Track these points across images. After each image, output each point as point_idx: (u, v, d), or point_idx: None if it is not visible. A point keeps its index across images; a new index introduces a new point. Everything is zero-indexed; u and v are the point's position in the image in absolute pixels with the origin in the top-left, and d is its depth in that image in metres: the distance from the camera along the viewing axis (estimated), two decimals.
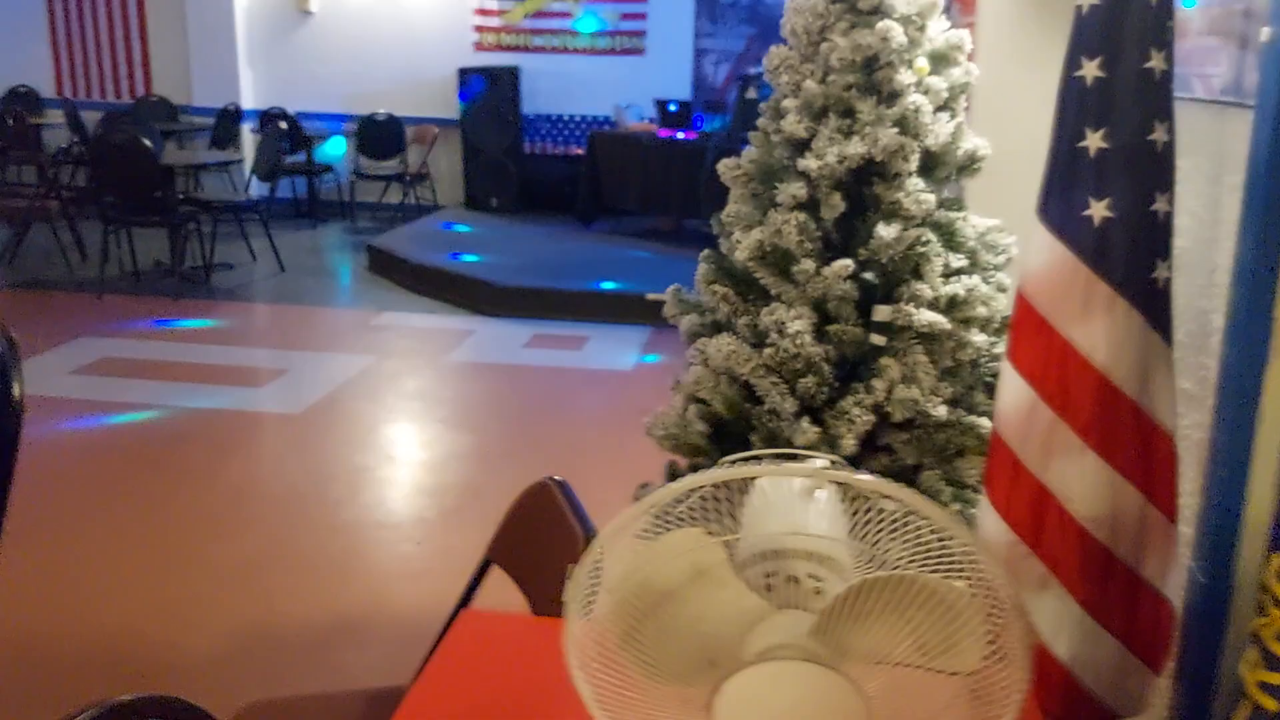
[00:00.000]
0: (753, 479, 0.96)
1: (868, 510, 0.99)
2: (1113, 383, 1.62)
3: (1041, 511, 1.67)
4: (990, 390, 2.08)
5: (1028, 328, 1.72)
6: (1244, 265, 1.60)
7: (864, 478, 0.89)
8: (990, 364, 2.14)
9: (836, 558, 0.93)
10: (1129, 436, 1.62)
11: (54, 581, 3.22)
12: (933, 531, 0.89)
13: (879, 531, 0.95)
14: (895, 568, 0.91)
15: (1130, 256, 1.61)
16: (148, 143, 6.60)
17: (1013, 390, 1.72)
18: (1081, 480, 1.63)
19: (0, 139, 8.46)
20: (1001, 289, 2.14)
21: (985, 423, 2.06)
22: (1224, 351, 1.63)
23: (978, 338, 2.10)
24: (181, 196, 7.19)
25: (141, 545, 3.47)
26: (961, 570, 0.89)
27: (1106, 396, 1.62)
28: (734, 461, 0.94)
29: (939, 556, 0.92)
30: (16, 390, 1.82)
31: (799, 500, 0.96)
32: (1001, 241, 2.19)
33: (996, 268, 2.18)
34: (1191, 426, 1.77)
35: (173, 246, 6.96)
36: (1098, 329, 1.63)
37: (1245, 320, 1.59)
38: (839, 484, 0.97)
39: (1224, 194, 1.74)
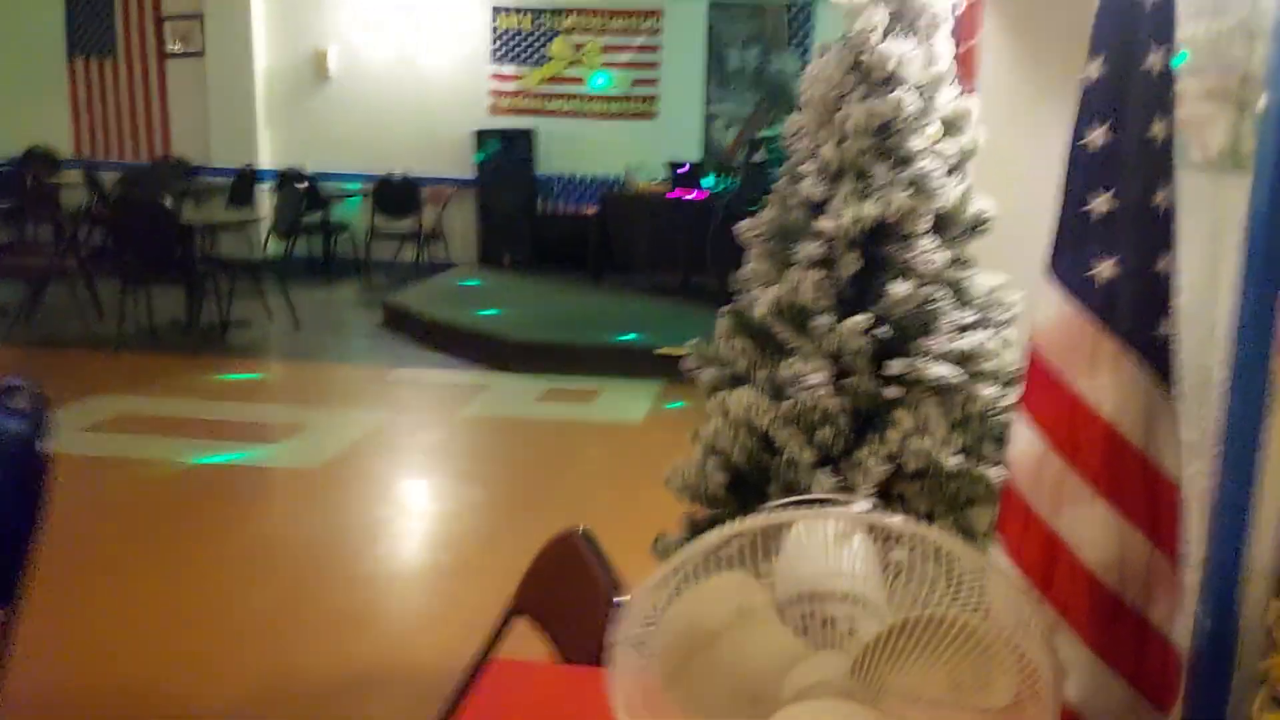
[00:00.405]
0: (786, 525, 1.02)
1: (902, 551, 1.05)
2: (1120, 433, 1.69)
3: (1052, 558, 1.72)
4: (999, 441, 2.15)
5: (1038, 380, 1.79)
6: (1243, 321, 1.67)
7: (894, 519, 0.95)
8: (999, 416, 2.20)
9: (870, 599, 0.99)
10: (1136, 485, 1.68)
11: (74, 636, 3.25)
12: (962, 570, 0.95)
13: (911, 572, 1.00)
14: (928, 606, 0.96)
15: (1135, 312, 1.68)
16: (167, 202, 6.74)
17: (1024, 440, 1.79)
18: (1091, 527, 1.69)
19: (18, 198, 8.62)
20: (1009, 343, 2.22)
21: (995, 473, 2.12)
22: (1225, 403, 1.70)
23: (987, 390, 2.17)
24: (199, 255, 7.32)
25: (159, 600, 3.50)
26: (990, 607, 0.95)
27: (1114, 446, 1.68)
28: (774, 508, 1.00)
29: (969, 594, 0.98)
30: (47, 446, 1.88)
31: (833, 544, 1.02)
32: (1008, 298, 2.27)
33: (1004, 323, 2.26)
34: (1196, 475, 1.83)
35: (189, 304, 7.07)
36: (1105, 382, 1.70)
37: (1245, 373, 1.66)
38: (872, 527, 1.03)
39: (1223, 253, 1.82)
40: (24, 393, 2.02)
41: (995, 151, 3.98)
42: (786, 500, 1.02)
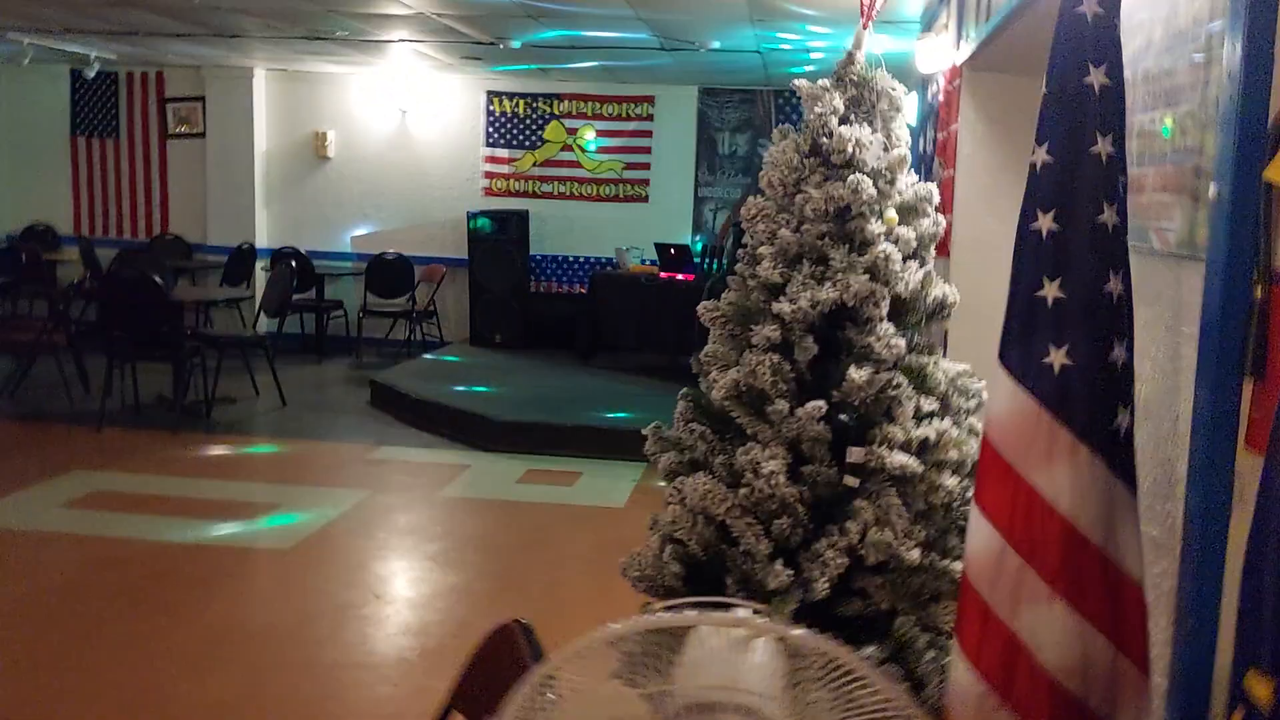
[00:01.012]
0: (688, 627, 0.96)
1: (805, 662, 0.98)
2: (1078, 530, 1.62)
3: (1012, 660, 1.64)
4: (964, 535, 2.07)
5: (993, 473, 1.73)
6: (1202, 414, 1.62)
7: (796, 633, 0.89)
8: (963, 508, 2.13)
9: (768, 713, 0.92)
10: (1097, 585, 1.60)
11: (26, 712, 3.14)
12: (863, 685, 0.89)
13: (814, 682, 0.94)
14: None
15: (1091, 404, 1.63)
16: (156, 279, 6.76)
17: (981, 536, 1.72)
18: (1050, 629, 1.61)
19: (13, 274, 8.67)
20: (974, 433, 2.16)
21: (959, 567, 2.04)
22: (1187, 499, 1.64)
23: (950, 481, 2.10)
24: (189, 332, 7.31)
25: (115, 684, 3.39)
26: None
27: (1072, 544, 1.62)
28: (669, 607, 0.93)
29: (871, 711, 0.91)
30: None
31: (735, 651, 0.96)
32: (973, 386, 2.22)
33: (968, 412, 2.21)
34: (1161, 575, 1.76)
35: (175, 381, 7.04)
36: (1061, 476, 1.64)
37: (1206, 468, 1.60)
38: (776, 637, 0.96)
39: (1183, 342, 1.77)
40: None
41: (974, 234, 4.00)
42: (692, 600, 0.96)
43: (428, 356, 9.00)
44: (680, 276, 8.40)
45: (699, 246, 9.19)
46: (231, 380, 7.69)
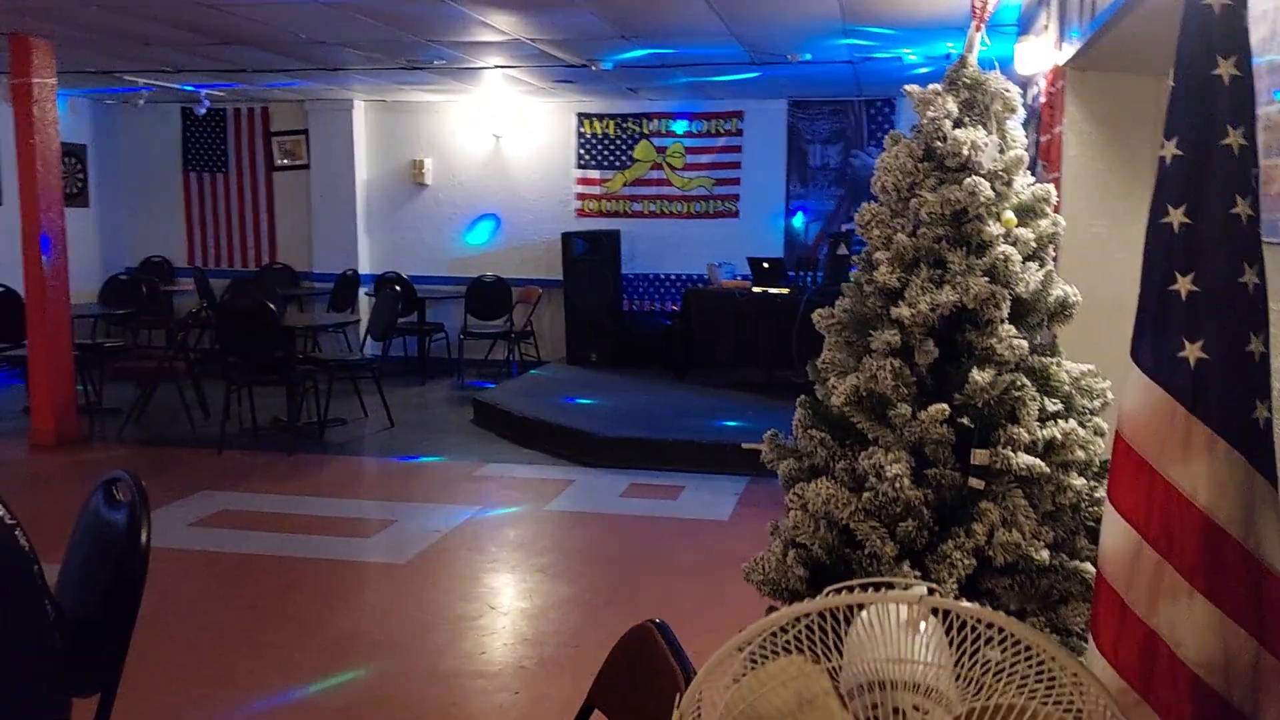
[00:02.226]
0: (857, 609, 1.00)
1: (974, 640, 1.01)
2: (1218, 524, 1.61)
3: (1151, 657, 1.63)
4: (1093, 535, 2.06)
5: (1128, 469, 1.72)
6: None
7: (966, 605, 0.92)
8: (1091, 508, 2.12)
9: (941, 688, 0.95)
10: (1238, 579, 1.59)
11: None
12: (1038, 659, 0.91)
13: (984, 659, 0.97)
14: (998, 696, 0.92)
15: (1227, 397, 1.62)
16: (271, 305, 7.05)
17: (1116, 533, 1.71)
18: (1191, 624, 1.60)
19: (134, 305, 9.12)
20: (1099, 433, 2.15)
21: (1089, 568, 2.03)
22: None
23: (1077, 481, 2.09)
24: (300, 356, 7.60)
25: (248, 692, 3.55)
26: (1070, 699, 0.90)
27: (1212, 538, 1.60)
28: (838, 590, 0.98)
29: (1044, 685, 0.94)
30: (144, 536, 1.95)
31: (903, 631, 0.99)
32: (1097, 386, 2.21)
33: (1093, 412, 2.19)
34: None
35: (290, 404, 7.32)
36: (1199, 470, 1.63)
37: None
38: (941, 613, 1.00)
39: None
40: (125, 485, 2.10)
41: (1082, 237, 3.94)
42: (852, 583, 1.00)
43: (530, 374, 9.18)
44: (774, 290, 8.40)
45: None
46: (341, 402, 7.96)
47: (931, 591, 0.93)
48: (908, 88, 2.32)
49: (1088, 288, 2.88)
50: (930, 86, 2.29)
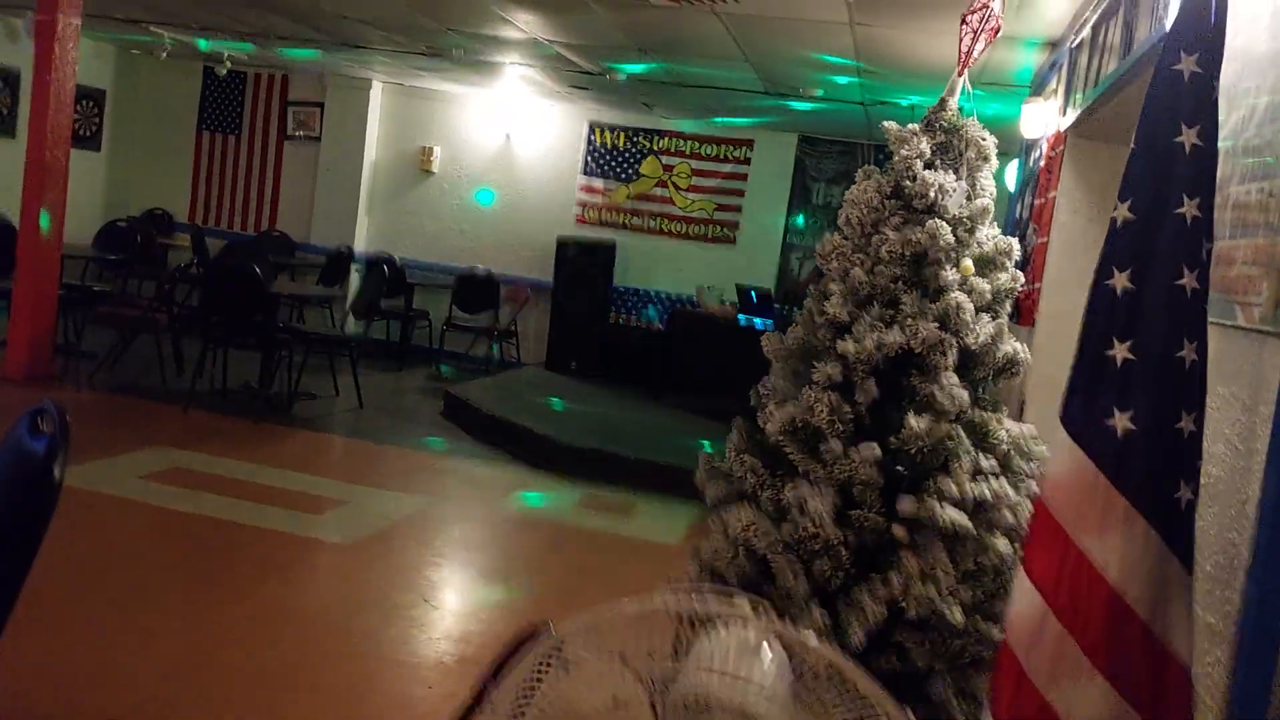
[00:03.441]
0: (707, 622, 0.95)
1: (816, 681, 0.96)
2: (1126, 602, 1.57)
3: None
4: None
5: (1044, 534, 1.68)
6: (1270, 498, 1.55)
7: (789, 631, 0.88)
8: (1014, 573, 2.07)
9: (764, 717, 0.90)
10: (1140, 663, 1.54)
11: (72, 668, 3.25)
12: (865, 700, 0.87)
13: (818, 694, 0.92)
14: None
15: (1151, 472, 1.58)
16: (257, 269, 7.00)
17: (1024, 597, 1.67)
18: (1087, 704, 1.55)
19: (127, 253, 9.07)
20: (1032, 498, 2.10)
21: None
22: (1246, 588, 1.56)
23: (1001, 544, 2.05)
24: (281, 325, 7.54)
25: (166, 645, 3.49)
26: None
27: (1118, 616, 1.56)
28: (681, 593, 0.93)
29: None
30: (58, 472, 1.89)
31: (745, 652, 0.95)
32: (1036, 449, 2.16)
33: (1029, 475, 2.15)
34: (1214, 664, 1.67)
35: (263, 371, 7.26)
36: (1113, 544, 1.59)
37: (1269, 558, 1.53)
38: (786, 647, 0.95)
39: (1259, 424, 1.70)
40: (50, 417, 2.05)
41: (1063, 306, 3.90)
42: (713, 589, 0.95)
43: (507, 373, 9.12)
44: (759, 321, 8.37)
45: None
46: (315, 377, 7.89)
47: (759, 613, 0.89)
48: (886, 124, 2.29)
49: (1064, 356, 2.85)
50: (909, 125, 2.26)
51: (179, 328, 7.92)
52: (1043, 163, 4.40)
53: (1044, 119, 4.34)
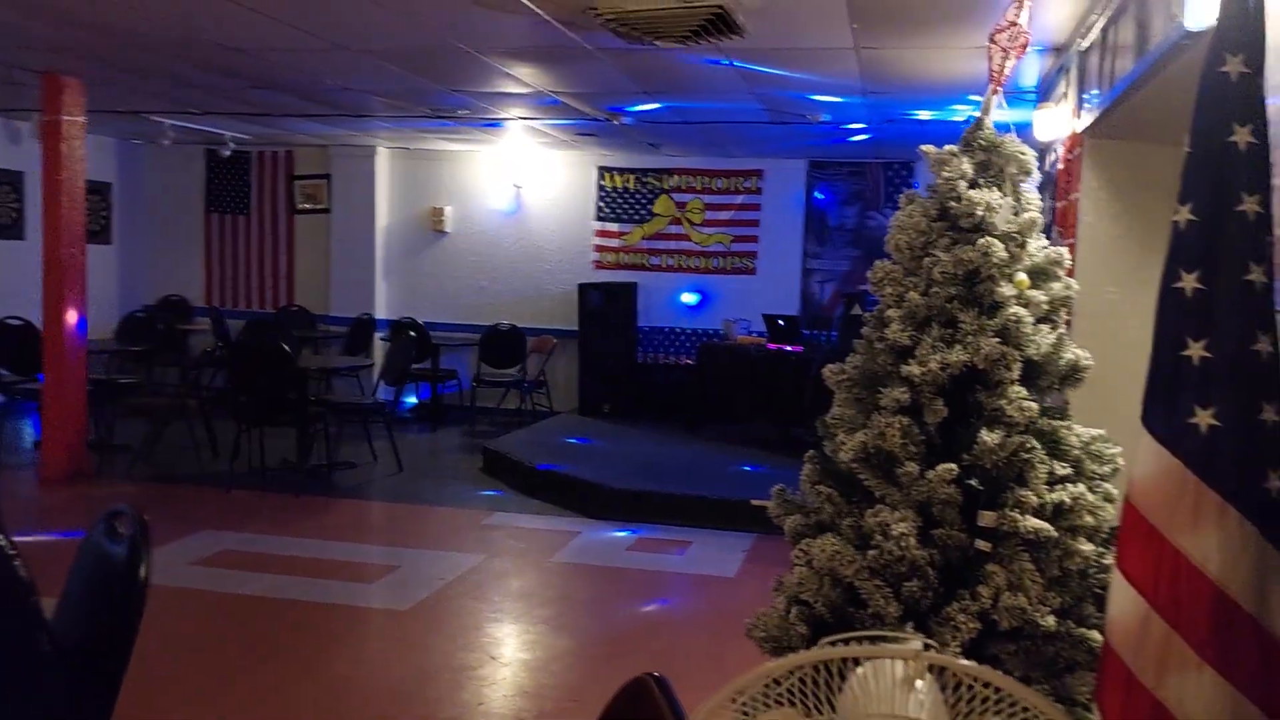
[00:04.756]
0: (853, 666, 0.98)
1: (970, 699, 0.99)
2: (1229, 595, 1.58)
3: None
4: (1100, 602, 2.02)
5: (1137, 536, 1.69)
6: None
7: (963, 663, 0.90)
8: (1099, 575, 2.08)
9: None
10: (1249, 652, 1.55)
11: None
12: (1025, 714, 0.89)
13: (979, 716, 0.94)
14: None
15: (1240, 465, 1.60)
16: (285, 347, 7.08)
17: (1123, 600, 1.68)
18: (1199, 698, 1.56)
19: (149, 343, 9.16)
20: (1109, 499, 2.12)
21: (1096, 636, 1.99)
22: None
23: (1085, 547, 2.06)
24: (312, 399, 7.61)
25: None
26: None
27: (1223, 610, 1.57)
28: (831, 642, 0.96)
29: None
30: (143, 570, 1.94)
31: (898, 687, 0.97)
32: (1107, 451, 2.18)
33: (1103, 477, 2.17)
34: None
35: (300, 445, 7.32)
36: (1210, 539, 1.60)
37: None
38: (938, 671, 0.98)
39: None
40: (127, 519, 2.10)
41: (1095, 303, 3.93)
42: (849, 635, 0.98)
43: (542, 424, 9.17)
44: (788, 348, 8.41)
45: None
46: (351, 446, 7.95)
47: (928, 647, 0.91)
48: (924, 148, 2.34)
49: (1101, 354, 2.87)
50: (946, 147, 2.30)
51: (209, 412, 7.99)
52: (1060, 166, 4.44)
53: (1057, 123, 4.39)
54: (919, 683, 0.95)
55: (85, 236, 7.34)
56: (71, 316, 7.17)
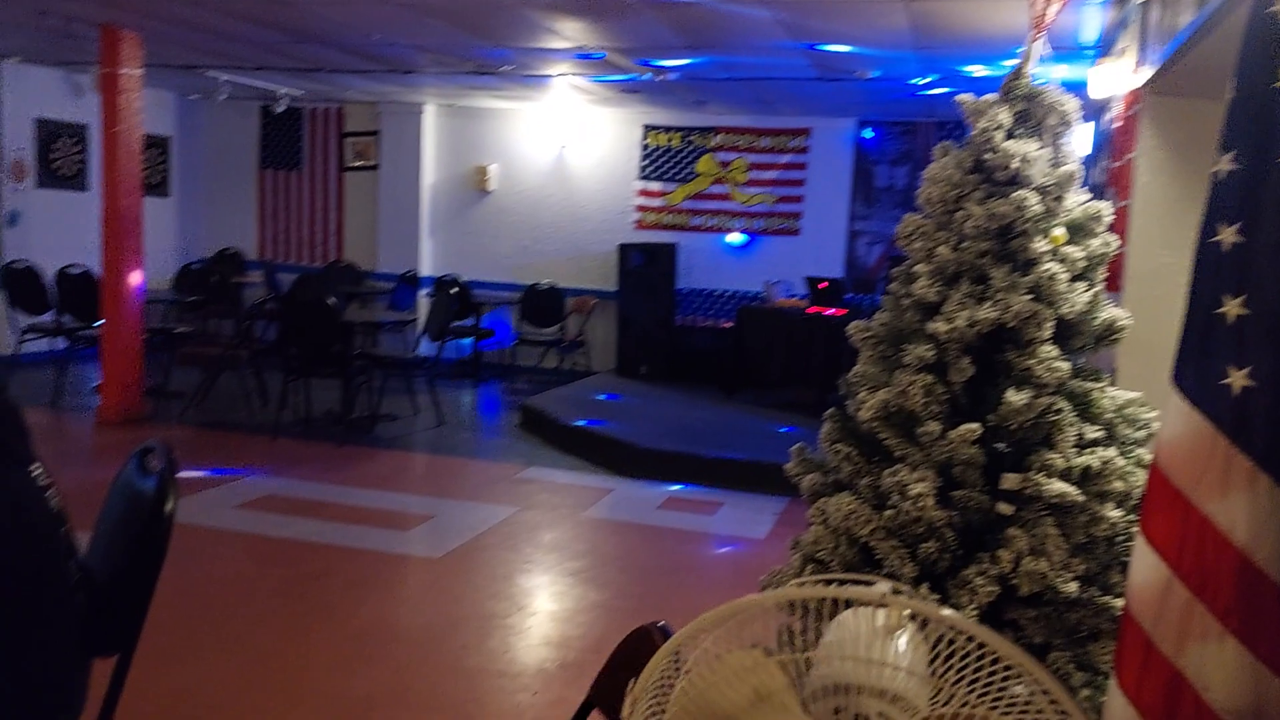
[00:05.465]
0: (838, 608, 0.95)
1: (950, 649, 0.95)
2: (1255, 564, 1.51)
3: (1176, 700, 1.54)
4: (1127, 570, 1.96)
5: (1162, 500, 1.63)
6: None
7: (942, 612, 0.86)
8: (1128, 543, 2.02)
9: (910, 698, 0.89)
10: (1273, 623, 1.49)
11: (183, 699, 3.35)
12: (1008, 671, 0.85)
13: (959, 671, 0.91)
14: (967, 707, 0.86)
15: (1273, 429, 1.53)
16: (331, 301, 7.16)
17: (1145, 566, 1.63)
18: (1221, 668, 1.50)
19: (204, 294, 9.33)
20: (1142, 465, 2.04)
21: (1121, 604, 1.93)
22: None
23: (1114, 513, 1.99)
24: (357, 352, 7.70)
25: (271, 673, 3.58)
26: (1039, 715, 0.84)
27: (1248, 578, 1.51)
28: (813, 582, 0.93)
29: (1029, 706, 0.87)
30: (170, 504, 1.95)
31: (878, 636, 0.94)
32: (1142, 415, 2.11)
33: (1136, 442, 2.09)
34: None
35: (344, 397, 7.42)
36: (1238, 505, 1.54)
37: None
38: (918, 620, 0.94)
39: None
40: (158, 454, 2.12)
41: (1150, 266, 3.80)
42: (824, 577, 0.94)
43: (579, 382, 9.19)
44: (829, 311, 8.29)
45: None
46: (394, 399, 8.04)
47: (899, 593, 0.88)
48: (961, 97, 2.25)
49: (1154, 319, 2.76)
50: (984, 96, 2.22)
51: (260, 362, 8.13)
52: (1118, 124, 4.29)
53: (1115, 79, 4.23)
54: (900, 632, 0.91)
55: (142, 188, 7.46)
56: (128, 266, 7.31)
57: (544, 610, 4.35)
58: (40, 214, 9.47)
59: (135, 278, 7.37)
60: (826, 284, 8.48)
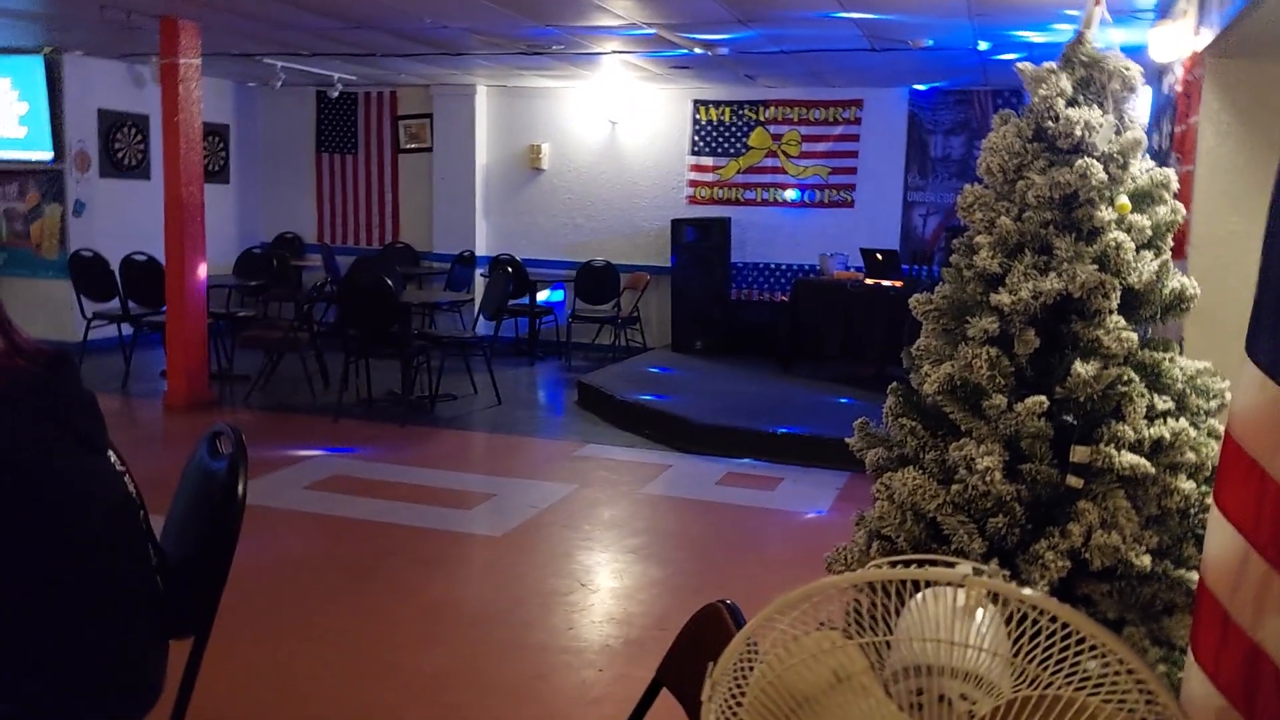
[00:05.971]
0: (913, 590, 0.95)
1: (1034, 629, 0.95)
2: None
3: (1255, 674, 1.52)
4: (1201, 543, 1.93)
5: (1237, 470, 1.61)
6: None
7: (1024, 591, 0.87)
8: (1201, 515, 1.99)
9: (992, 679, 0.90)
10: None
11: (258, 679, 3.45)
12: (1096, 653, 0.85)
13: (1042, 650, 0.91)
14: (1051, 688, 0.87)
15: None
16: (389, 283, 7.26)
17: (1221, 538, 1.61)
18: None
19: (265, 278, 9.52)
20: (1214, 435, 2.01)
21: (1195, 578, 1.90)
22: None
23: (1186, 485, 1.97)
24: (415, 332, 7.81)
25: (343, 652, 3.66)
26: (1126, 696, 0.84)
27: None
28: (891, 564, 0.93)
29: (1105, 681, 0.88)
30: (241, 487, 2.01)
31: (957, 616, 0.94)
32: (1214, 385, 2.07)
33: (1208, 413, 2.05)
34: None
35: (404, 377, 7.53)
36: None
37: None
38: (999, 601, 0.94)
39: None
40: (228, 438, 2.17)
41: (1217, 234, 3.71)
42: (902, 558, 0.95)
43: (635, 359, 9.22)
44: (886, 283, 8.21)
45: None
46: (452, 379, 8.15)
47: (979, 573, 0.88)
48: (1020, 65, 2.21)
49: (1222, 287, 2.71)
50: (1045, 64, 2.18)
51: (321, 344, 8.28)
52: (1179, 88, 4.18)
53: (1176, 42, 4.12)
54: (980, 611, 0.92)
55: (203, 176, 7.61)
56: (191, 253, 7.47)
57: (605, 587, 4.41)
58: (104, 203, 9.70)
59: (198, 264, 7.53)
60: (883, 255, 8.39)
